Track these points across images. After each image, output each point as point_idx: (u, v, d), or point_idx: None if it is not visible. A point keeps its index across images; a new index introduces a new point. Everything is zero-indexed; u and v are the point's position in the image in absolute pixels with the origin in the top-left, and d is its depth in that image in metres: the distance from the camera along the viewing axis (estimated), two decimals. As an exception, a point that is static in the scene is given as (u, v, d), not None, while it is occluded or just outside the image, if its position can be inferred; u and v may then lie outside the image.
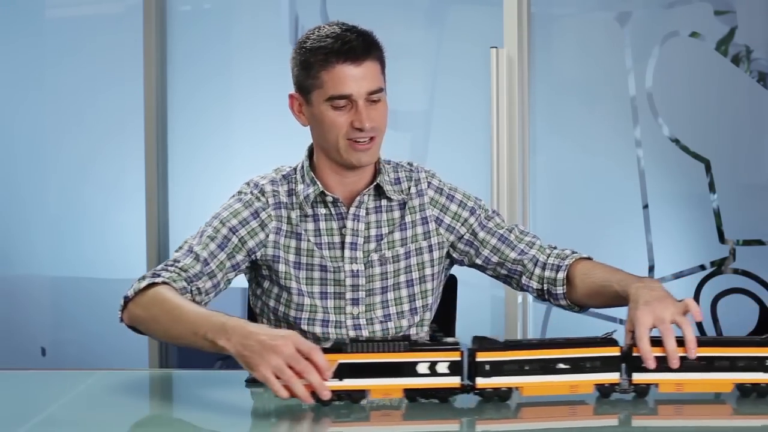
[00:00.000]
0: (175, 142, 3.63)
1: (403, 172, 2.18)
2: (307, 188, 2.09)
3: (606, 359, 1.70)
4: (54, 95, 3.80)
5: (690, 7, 3.36)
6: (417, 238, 2.13)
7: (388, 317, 2.12)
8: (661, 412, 1.68)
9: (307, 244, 2.10)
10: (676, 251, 3.40)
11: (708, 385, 1.71)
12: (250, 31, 3.67)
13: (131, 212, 3.62)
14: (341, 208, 2.10)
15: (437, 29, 3.52)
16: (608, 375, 1.70)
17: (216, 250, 2.06)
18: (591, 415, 1.68)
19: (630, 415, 1.67)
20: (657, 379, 1.70)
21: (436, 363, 1.69)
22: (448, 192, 2.18)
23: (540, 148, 3.40)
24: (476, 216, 2.16)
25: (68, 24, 3.79)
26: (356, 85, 2.00)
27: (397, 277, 2.12)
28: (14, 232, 3.82)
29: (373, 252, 2.10)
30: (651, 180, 3.39)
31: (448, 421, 1.68)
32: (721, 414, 1.71)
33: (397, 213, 2.13)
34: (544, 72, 3.41)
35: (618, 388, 1.71)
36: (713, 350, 1.70)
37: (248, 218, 2.09)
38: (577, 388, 1.69)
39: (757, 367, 1.70)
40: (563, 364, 1.69)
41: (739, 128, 3.41)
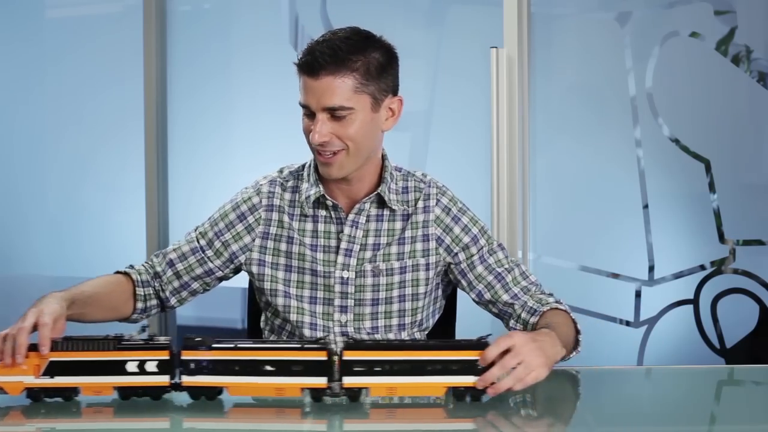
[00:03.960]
0: (175, 142, 3.63)
1: (413, 181, 2.13)
2: (310, 189, 2.09)
3: (312, 363, 1.70)
4: (54, 95, 3.80)
5: (690, 7, 3.36)
6: (415, 254, 2.10)
7: (376, 329, 2.10)
8: (373, 416, 1.68)
9: (299, 247, 2.09)
10: (676, 251, 3.40)
11: (420, 389, 1.70)
12: (250, 31, 3.67)
13: (131, 212, 3.62)
14: (340, 213, 2.09)
15: (437, 29, 3.52)
16: (315, 379, 1.70)
17: (188, 252, 2.13)
18: (299, 419, 1.68)
19: (342, 419, 1.67)
20: (368, 383, 1.70)
21: (146, 362, 1.72)
22: (455, 213, 2.12)
23: (540, 148, 3.40)
24: (478, 246, 2.11)
25: (68, 24, 3.79)
26: (313, 98, 1.97)
27: (390, 291, 2.10)
28: (14, 232, 3.82)
29: (367, 262, 2.08)
30: (651, 180, 3.39)
31: (157, 419, 1.69)
32: (433, 417, 1.71)
33: (398, 224, 2.11)
34: (544, 72, 3.40)
35: (330, 392, 1.71)
36: (424, 354, 1.70)
37: (234, 221, 2.12)
38: (283, 391, 1.70)
39: (470, 370, 1.70)
40: (270, 366, 1.70)
41: (739, 128, 3.41)
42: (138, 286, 2.14)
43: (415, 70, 3.50)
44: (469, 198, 2.20)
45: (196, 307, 3.54)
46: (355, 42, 1.98)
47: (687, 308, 3.39)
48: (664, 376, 2.13)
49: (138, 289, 2.13)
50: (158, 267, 2.15)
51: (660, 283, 3.38)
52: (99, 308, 2.03)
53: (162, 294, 2.15)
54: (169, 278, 2.14)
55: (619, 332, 3.38)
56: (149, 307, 2.16)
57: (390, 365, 1.68)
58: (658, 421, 1.69)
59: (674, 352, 3.38)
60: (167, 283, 2.14)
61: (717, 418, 1.76)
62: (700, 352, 3.35)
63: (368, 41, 2.01)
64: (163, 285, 2.14)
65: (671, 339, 3.39)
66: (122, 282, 2.13)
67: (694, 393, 1.93)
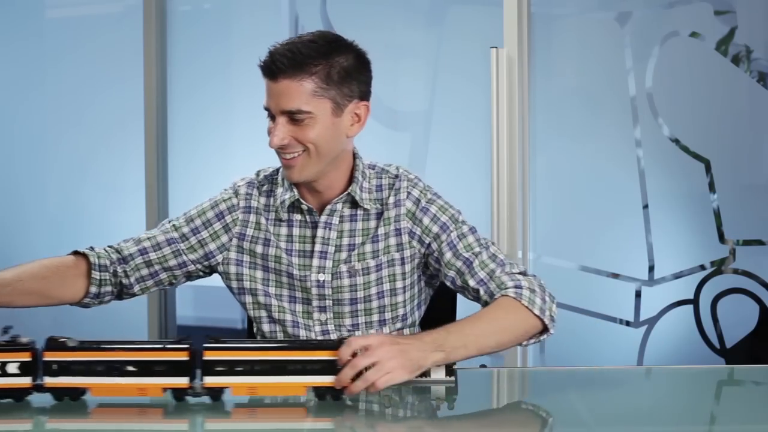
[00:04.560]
0: (175, 142, 3.63)
1: (386, 178, 2.11)
2: (285, 193, 2.09)
3: (174, 363, 1.70)
4: (54, 95, 3.80)
5: (690, 7, 3.36)
6: (389, 249, 2.09)
7: (356, 326, 2.11)
8: (235, 416, 1.69)
9: (276, 250, 2.09)
10: (676, 251, 3.40)
11: (281, 389, 1.70)
12: (250, 31, 3.67)
13: (131, 212, 3.62)
14: (315, 217, 2.08)
15: (437, 29, 3.52)
16: (177, 379, 1.70)
17: (163, 242, 2.12)
18: (161, 418, 1.68)
19: (203, 419, 1.67)
20: (229, 382, 1.70)
21: (7, 363, 1.71)
22: (424, 205, 2.09)
23: (540, 148, 3.40)
24: (447, 233, 2.07)
25: (68, 24, 3.79)
26: (272, 101, 1.98)
27: (368, 290, 2.09)
28: (14, 232, 3.82)
29: (342, 263, 2.08)
30: (651, 180, 3.39)
31: (20, 420, 1.68)
32: (294, 417, 1.71)
33: (372, 222, 2.09)
34: (544, 72, 3.41)
35: (191, 392, 1.71)
36: (285, 354, 1.70)
37: (212, 219, 2.12)
38: (145, 391, 1.70)
39: (330, 370, 1.70)
40: (132, 367, 1.70)
41: (739, 128, 3.41)
42: (94, 269, 2.09)
43: (415, 70, 3.50)
44: (469, 198, 2.20)
45: (196, 307, 3.55)
46: (319, 46, 1.97)
47: (687, 308, 3.39)
48: (664, 376, 2.13)
49: (94, 272, 2.09)
50: (126, 251, 2.12)
51: (660, 283, 3.38)
52: (26, 295, 2.00)
53: (125, 280, 2.11)
54: (138, 265, 2.11)
55: (619, 332, 3.38)
56: (103, 293, 2.11)
57: (251, 365, 1.69)
58: (658, 421, 1.68)
59: (674, 352, 3.38)
60: (135, 269, 2.11)
61: (717, 418, 1.76)
62: (700, 352, 3.35)
63: (334, 46, 1.99)
64: (128, 271, 2.11)
65: (671, 339, 3.39)
66: (71, 264, 2.09)
67: (694, 393, 1.93)
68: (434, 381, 1.84)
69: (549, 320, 1.96)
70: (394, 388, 1.82)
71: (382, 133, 3.50)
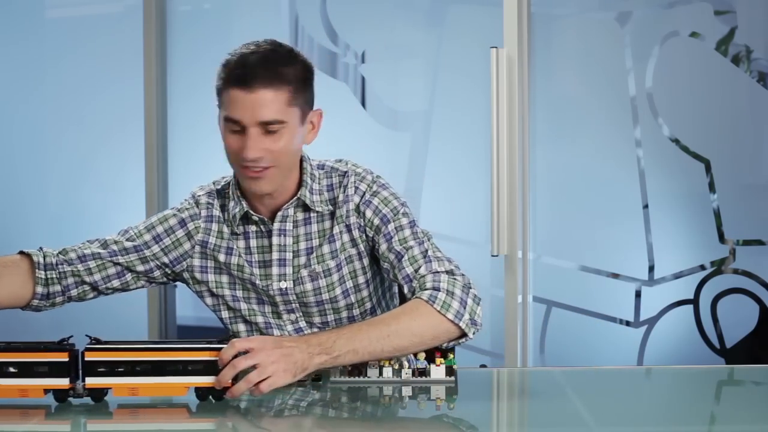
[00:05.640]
0: (175, 142, 3.63)
1: (336, 177, 2.08)
2: (234, 207, 2.06)
3: (54, 364, 1.70)
4: (54, 95, 3.80)
5: (690, 7, 3.36)
6: (345, 246, 2.06)
7: (326, 324, 2.10)
8: (117, 416, 1.69)
9: (238, 259, 2.07)
10: (676, 251, 3.40)
11: (162, 389, 1.71)
12: (250, 31, 3.66)
13: (131, 212, 3.61)
14: (269, 226, 2.06)
15: (437, 29, 3.52)
16: (57, 380, 1.70)
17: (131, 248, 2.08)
18: (43, 419, 1.67)
19: (85, 420, 1.67)
20: (110, 383, 1.71)
21: None
22: (368, 198, 2.05)
23: (540, 148, 3.40)
24: (386, 225, 2.04)
25: (68, 24, 3.79)
26: (246, 112, 1.93)
27: (332, 291, 2.08)
28: (14, 231, 3.82)
29: (302, 268, 2.06)
30: (651, 180, 3.39)
31: None
32: (176, 417, 1.71)
33: (327, 223, 2.07)
34: (544, 72, 3.41)
35: (73, 393, 1.71)
36: (167, 354, 1.71)
37: (174, 227, 2.09)
38: (27, 393, 1.70)
39: (212, 370, 1.70)
40: (13, 368, 1.70)
41: (739, 128, 3.41)
42: (38, 268, 2.03)
43: (415, 70, 3.50)
44: (469, 198, 2.19)
45: (196, 307, 3.54)
46: (283, 54, 1.96)
47: (687, 308, 3.39)
48: (664, 376, 2.13)
49: (38, 271, 2.02)
50: (87, 250, 2.07)
51: (660, 283, 3.38)
52: None
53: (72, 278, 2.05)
54: (100, 266, 2.06)
55: (619, 332, 3.38)
56: (53, 293, 2.04)
57: (132, 366, 1.70)
58: (658, 421, 1.69)
59: (674, 352, 3.38)
60: (97, 269, 2.06)
61: (717, 418, 1.76)
62: (700, 352, 3.35)
63: (293, 54, 1.98)
64: (92, 268, 2.06)
65: (671, 339, 3.39)
66: (12, 263, 2.02)
67: (694, 393, 1.93)
68: (434, 381, 1.84)
69: (466, 325, 1.90)
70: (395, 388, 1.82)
71: (382, 133, 3.50)
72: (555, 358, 3.43)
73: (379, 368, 1.85)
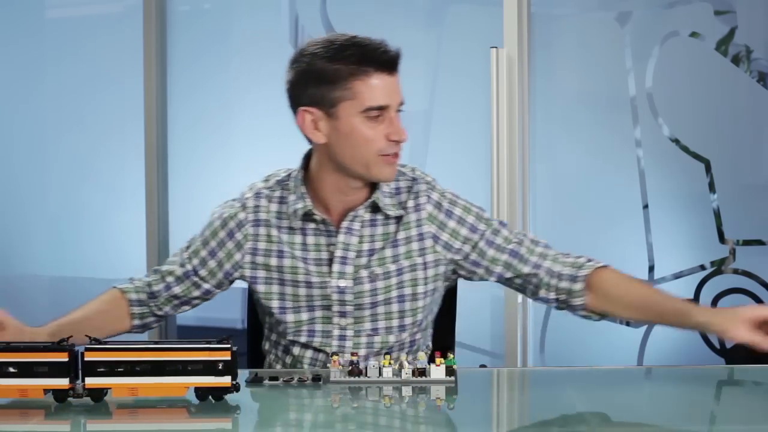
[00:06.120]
0: (175, 142, 3.63)
1: (404, 181, 2.09)
2: (297, 202, 2.04)
3: (54, 364, 1.70)
4: (54, 95, 3.80)
5: (690, 7, 3.36)
6: (411, 254, 2.06)
7: (376, 331, 2.09)
8: (117, 416, 1.69)
9: (291, 261, 2.05)
10: (676, 251, 3.40)
11: (162, 389, 1.71)
12: (250, 31, 3.67)
13: (131, 212, 3.62)
14: (329, 225, 2.05)
15: (437, 29, 3.52)
16: (57, 380, 1.70)
17: (182, 276, 2.12)
18: (43, 420, 1.67)
19: (85, 420, 1.67)
20: (110, 383, 1.71)
21: None
22: (447, 207, 2.08)
23: (540, 148, 3.40)
24: (480, 233, 2.08)
25: (68, 24, 3.79)
26: (393, 95, 1.95)
27: (388, 293, 2.07)
28: (14, 232, 3.82)
29: (363, 268, 2.05)
30: (651, 180, 3.39)
31: None
32: (176, 418, 1.71)
33: (392, 227, 2.06)
34: (544, 72, 3.41)
35: (73, 393, 1.72)
36: (167, 354, 1.71)
37: (224, 239, 2.09)
38: (26, 393, 1.70)
39: (212, 370, 1.71)
40: (13, 368, 1.70)
41: (739, 128, 3.41)
42: (133, 305, 2.14)
43: (415, 70, 3.50)
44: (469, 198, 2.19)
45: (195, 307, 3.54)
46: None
47: (687, 308, 3.38)
48: (664, 376, 2.13)
49: (133, 308, 2.14)
50: (155, 287, 2.14)
51: (660, 283, 3.38)
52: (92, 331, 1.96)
53: (159, 312, 2.16)
54: (167, 299, 2.14)
55: (619, 332, 3.38)
56: (147, 323, 2.17)
57: (132, 366, 1.70)
58: (658, 421, 1.69)
59: (674, 352, 3.38)
60: (165, 302, 2.15)
61: (717, 418, 1.76)
62: (700, 352, 3.35)
63: None
64: (160, 304, 2.15)
65: (671, 339, 3.38)
66: (117, 302, 2.14)
67: (694, 393, 1.93)
68: (434, 381, 1.84)
69: None
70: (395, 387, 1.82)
71: (382, 133, 3.50)
72: (555, 358, 3.43)
73: (379, 368, 1.85)
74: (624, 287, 2.07)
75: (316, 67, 1.95)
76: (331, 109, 1.95)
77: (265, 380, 1.87)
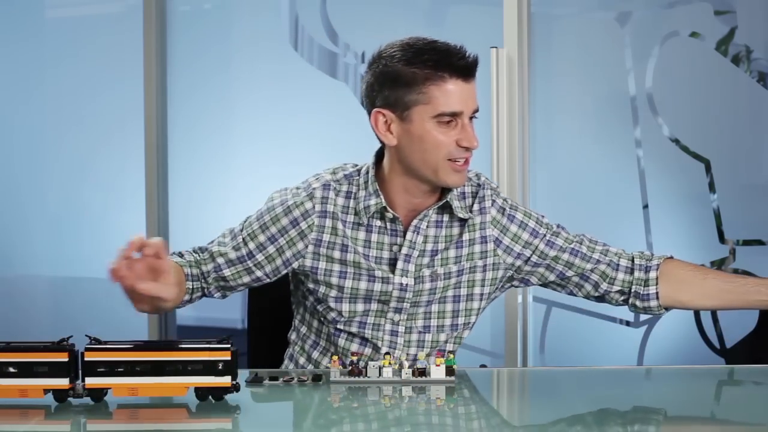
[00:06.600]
0: (175, 142, 3.63)
1: (469, 186, 2.12)
2: (369, 198, 2.04)
3: (54, 365, 1.70)
4: (54, 95, 3.80)
5: (690, 7, 3.36)
6: (473, 256, 2.08)
7: (428, 329, 2.10)
8: (116, 417, 1.69)
9: (354, 255, 2.05)
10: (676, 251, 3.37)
11: (162, 389, 1.71)
12: (250, 31, 3.66)
13: (131, 212, 3.62)
14: (398, 225, 2.05)
15: (437, 29, 3.51)
16: (57, 380, 1.70)
17: (236, 260, 2.07)
18: (43, 420, 1.67)
19: (85, 421, 1.67)
20: (110, 383, 1.71)
21: None
22: (510, 212, 2.11)
23: (540, 148, 3.40)
24: (540, 236, 2.11)
25: (68, 24, 3.79)
26: (468, 102, 1.97)
27: (445, 292, 2.09)
28: (14, 232, 3.82)
29: (425, 267, 2.07)
30: (651, 180, 3.39)
31: None
32: (176, 418, 1.71)
33: (456, 229, 2.09)
34: (544, 72, 3.40)
35: (73, 393, 1.72)
36: (167, 354, 1.71)
37: (287, 227, 2.06)
38: (26, 393, 1.70)
39: (212, 370, 1.71)
40: (13, 368, 1.70)
41: (739, 128, 3.41)
42: (188, 279, 2.08)
43: (415, 70, 3.49)
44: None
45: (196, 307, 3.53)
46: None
47: (687, 308, 3.38)
48: (664, 376, 2.13)
49: (187, 282, 2.08)
50: (204, 266, 2.07)
51: (660, 283, 3.38)
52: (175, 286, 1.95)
53: (208, 293, 2.11)
54: (215, 279, 2.08)
55: (619, 332, 3.38)
56: (194, 298, 2.11)
57: (132, 366, 1.70)
58: (658, 421, 1.69)
59: (674, 352, 3.38)
60: (213, 283, 2.09)
61: (717, 418, 1.76)
62: (700, 352, 3.35)
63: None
64: (208, 284, 2.09)
65: (671, 339, 3.38)
66: (179, 271, 2.06)
67: (694, 393, 1.93)
68: (434, 381, 1.84)
69: None
70: (395, 388, 1.82)
71: (382, 133, 3.50)
72: (555, 358, 3.43)
73: (379, 368, 1.85)
74: (700, 274, 2.11)
75: (393, 69, 1.96)
76: (404, 113, 1.97)
77: (265, 380, 1.87)
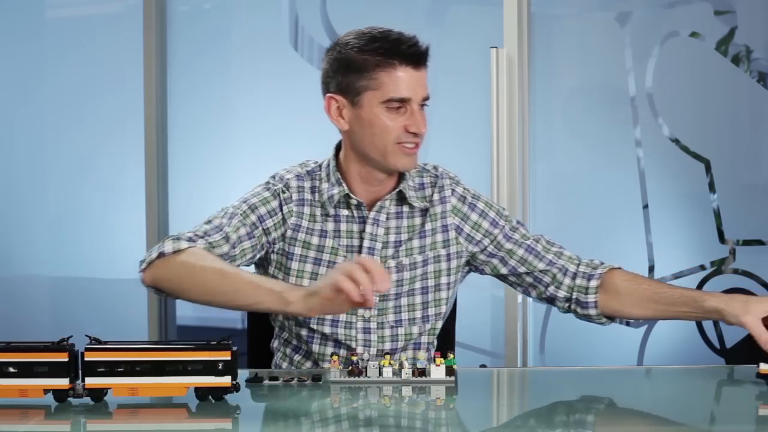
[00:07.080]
0: (175, 142, 3.63)
1: (428, 177, 2.15)
2: (332, 188, 2.07)
3: (54, 364, 1.70)
4: (54, 95, 3.80)
5: (690, 7, 3.36)
6: (436, 245, 2.11)
7: (399, 323, 2.11)
8: (116, 417, 1.69)
9: (332, 241, 2.07)
10: (676, 251, 3.40)
11: (162, 389, 1.71)
12: (250, 31, 3.67)
13: (131, 212, 3.62)
14: (364, 212, 2.08)
15: (437, 29, 3.52)
16: (57, 380, 1.71)
17: (244, 236, 2.05)
18: (43, 420, 1.67)
19: (85, 420, 1.67)
20: (110, 383, 1.71)
21: None
22: (471, 201, 2.14)
23: (540, 148, 3.40)
24: (500, 227, 2.14)
25: (68, 24, 3.79)
26: (417, 89, 2.00)
27: (413, 284, 2.10)
28: (14, 232, 3.82)
29: (390, 258, 2.08)
30: (651, 180, 3.39)
31: None
32: (176, 418, 1.71)
33: (418, 220, 2.11)
34: (544, 72, 3.41)
35: (73, 393, 1.72)
36: (167, 354, 1.71)
37: (276, 209, 2.08)
38: (26, 393, 1.71)
39: (212, 370, 1.71)
40: (13, 368, 1.70)
41: (739, 128, 3.41)
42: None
43: (415, 70, 3.49)
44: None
45: (196, 307, 3.54)
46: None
47: (687, 308, 3.38)
48: (664, 376, 2.13)
49: None
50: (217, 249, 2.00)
51: (660, 283, 3.38)
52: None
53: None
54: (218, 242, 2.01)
55: (619, 332, 3.38)
56: None
57: (132, 366, 1.70)
58: (658, 421, 1.69)
59: (674, 352, 3.38)
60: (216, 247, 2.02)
61: (717, 418, 1.76)
62: (700, 352, 3.35)
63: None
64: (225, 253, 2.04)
65: (671, 339, 3.38)
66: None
67: (694, 393, 1.93)
68: (434, 381, 1.84)
69: None
70: (395, 388, 1.82)
71: (382, 133, 3.50)
72: (555, 358, 3.43)
73: (379, 368, 1.85)
74: (634, 284, 2.10)
75: (346, 56, 2.02)
76: (355, 98, 2.01)
77: (265, 380, 1.87)
